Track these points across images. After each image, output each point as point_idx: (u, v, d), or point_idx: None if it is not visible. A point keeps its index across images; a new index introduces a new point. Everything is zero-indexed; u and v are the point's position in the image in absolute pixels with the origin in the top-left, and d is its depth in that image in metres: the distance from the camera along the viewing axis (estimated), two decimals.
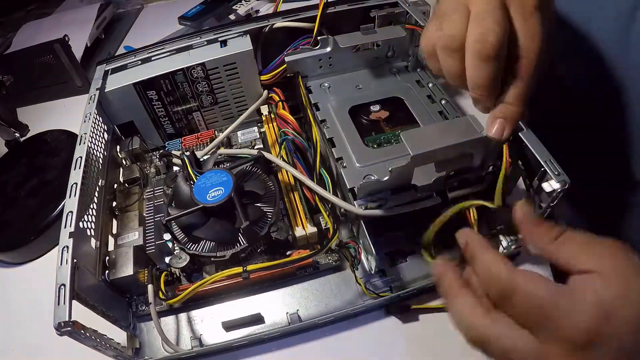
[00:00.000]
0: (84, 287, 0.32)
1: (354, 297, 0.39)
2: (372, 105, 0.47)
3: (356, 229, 0.40)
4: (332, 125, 0.45)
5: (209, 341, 0.38)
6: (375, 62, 0.52)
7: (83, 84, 0.70)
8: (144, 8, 0.94)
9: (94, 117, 0.44)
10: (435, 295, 0.40)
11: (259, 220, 0.40)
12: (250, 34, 0.50)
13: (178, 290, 0.37)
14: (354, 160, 0.41)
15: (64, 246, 0.32)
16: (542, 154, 0.32)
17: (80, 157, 0.39)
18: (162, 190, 0.47)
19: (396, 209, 0.37)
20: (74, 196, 0.35)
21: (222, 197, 0.38)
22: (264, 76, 0.52)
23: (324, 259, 0.40)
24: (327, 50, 0.49)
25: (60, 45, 0.65)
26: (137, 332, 0.39)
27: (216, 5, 0.82)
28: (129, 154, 0.49)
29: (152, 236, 0.42)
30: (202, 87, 0.50)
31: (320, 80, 0.51)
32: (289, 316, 0.39)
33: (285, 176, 0.45)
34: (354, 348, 0.38)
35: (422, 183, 0.36)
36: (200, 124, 0.54)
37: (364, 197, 0.36)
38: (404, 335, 0.38)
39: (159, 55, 0.50)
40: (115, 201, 0.45)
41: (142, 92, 0.48)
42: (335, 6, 0.52)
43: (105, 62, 0.51)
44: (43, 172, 0.55)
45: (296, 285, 0.41)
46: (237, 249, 0.38)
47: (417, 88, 0.49)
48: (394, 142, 0.43)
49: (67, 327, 0.29)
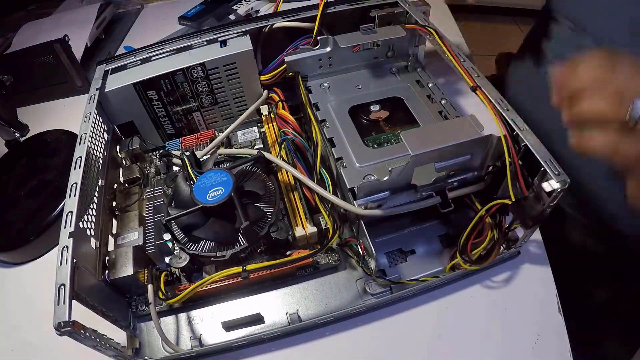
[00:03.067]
0: (84, 287, 0.32)
1: (354, 297, 0.39)
2: (372, 105, 0.47)
3: (356, 229, 0.40)
4: (332, 125, 0.45)
5: (209, 341, 0.38)
6: (375, 62, 0.52)
7: (83, 84, 0.70)
8: (144, 8, 0.94)
9: (93, 117, 0.44)
10: (436, 295, 0.40)
11: (259, 220, 0.40)
12: (250, 34, 0.50)
13: (178, 290, 0.37)
14: (354, 160, 0.41)
15: (64, 246, 0.32)
16: (542, 154, 0.32)
17: (80, 157, 0.39)
18: (162, 190, 0.47)
19: (396, 209, 0.37)
20: (74, 196, 0.35)
21: (222, 197, 0.38)
22: (264, 76, 0.52)
23: (324, 259, 0.40)
24: (327, 50, 0.49)
25: (60, 45, 0.65)
26: (137, 332, 0.39)
27: (216, 5, 0.82)
28: (129, 154, 0.49)
29: (152, 236, 0.42)
30: (202, 87, 0.50)
31: (320, 80, 0.51)
32: (289, 316, 0.39)
33: (285, 176, 0.45)
34: (354, 348, 0.38)
35: (422, 183, 0.36)
36: (200, 124, 0.54)
37: (364, 197, 0.36)
38: (403, 335, 0.38)
39: (159, 55, 0.50)
40: (115, 201, 0.45)
41: (142, 92, 0.48)
42: (335, 6, 0.52)
43: (105, 62, 0.51)
44: (43, 172, 0.55)
45: (296, 285, 0.41)
46: (237, 249, 0.38)
47: (417, 88, 0.49)
48: (394, 142, 0.43)
49: (67, 327, 0.28)
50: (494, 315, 0.39)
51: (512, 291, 0.40)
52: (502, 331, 0.38)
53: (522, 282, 0.40)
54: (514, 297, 0.39)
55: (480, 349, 0.37)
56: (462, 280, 0.41)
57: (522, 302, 0.39)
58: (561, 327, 0.37)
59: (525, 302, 0.39)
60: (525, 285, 0.40)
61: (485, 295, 0.40)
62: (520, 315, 0.38)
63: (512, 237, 0.40)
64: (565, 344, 0.36)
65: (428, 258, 0.41)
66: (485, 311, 0.39)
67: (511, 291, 0.40)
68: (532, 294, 0.40)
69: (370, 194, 0.36)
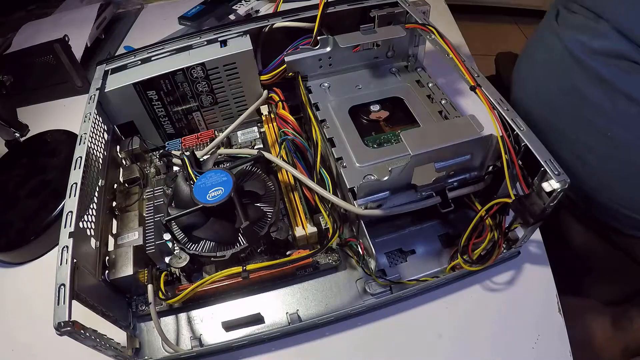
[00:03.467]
0: (84, 287, 0.32)
1: (354, 297, 0.39)
2: (372, 105, 0.47)
3: (356, 229, 0.40)
4: (332, 125, 0.45)
5: (209, 341, 0.38)
6: (375, 62, 0.52)
7: (83, 84, 0.70)
8: (144, 8, 0.94)
9: (93, 117, 0.44)
10: (436, 295, 0.40)
11: (259, 220, 0.39)
12: (250, 34, 0.50)
13: (178, 290, 0.37)
14: (354, 160, 0.41)
15: (64, 246, 0.32)
16: (542, 154, 0.32)
17: (80, 157, 0.39)
18: (162, 190, 0.47)
19: (396, 209, 0.37)
20: (74, 196, 0.35)
21: (222, 197, 0.38)
22: (264, 76, 0.52)
23: (324, 258, 0.40)
24: (327, 50, 0.49)
25: (60, 45, 0.65)
26: (137, 332, 0.39)
27: (216, 5, 0.82)
28: (129, 154, 0.49)
29: (152, 236, 0.42)
30: (202, 87, 0.50)
31: (320, 80, 0.51)
32: (289, 316, 0.39)
33: (285, 176, 0.45)
34: (354, 348, 0.38)
35: (422, 183, 0.36)
36: (200, 124, 0.54)
37: (364, 197, 0.36)
38: (403, 335, 0.38)
39: (159, 55, 0.50)
40: (115, 201, 0.45)
41: (142, 92, 0.48)
42: (335, 6, 0.52)
43: (105, 62, 0.51)
44: (43, 172, 0.55)
45: (296, 285, 0.41)
46: (237, 249, 0.38)
47: (417, 88, 0.49)
48: (394, 142, 0.43)
49: (67, 327, 0.28)
50: (494, 315, 0.39)
51: (512, 291, 0.40)
52: (502, 331, 0.38)
53: (522, 282, 0.40)
54: (514, 297, 0.39)
55: (480, 348, 0.37)
56: (462, 281, 0.41)
57: (522, 302, 0.39)
58: (561, 327, 0.37)
59: (525, 302, 0.39)
60: (525, 285, 0.40)
61: (485, 295, 0.40)
62: (520, 315, 0.38)
63: (512, 237, 0.40)
64: (565, 344, 0.36)
65: (428, 258, 0.41)
66: (485, 311, 0.39)
67: (511, 291, 0.40)
68: (532, 294, 0.40)
69: (370, 194, 0.36)
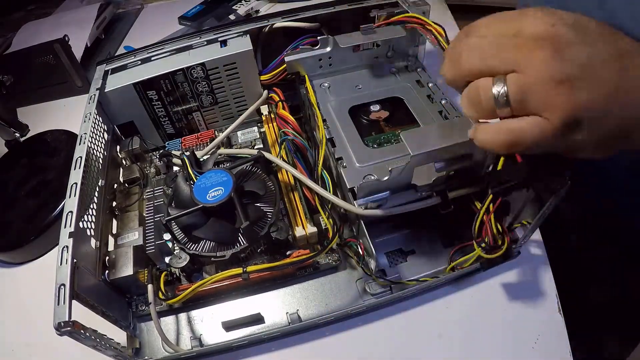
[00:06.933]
0: (84, 287, 0.32)
1: (354, 297, 0.39)
2: (372, 105, 0.47)
3: (356, 229, 0.40)
4: (332, 125, 0.45)
5: (209, 341, 0.38)
6: (375, 62, 0.52)
7: (83, 84, 0.70)
8: (144, 8, 0.94)
9: (93, 117, 0.44)
10: (436, 295, 0.40)
11: (259, 220, 0.40)
12: (250, 34, 0.50)
13: (178, 290, 0.37)
14: (354, 160, 0.41)
15: (64, 246, 0.32)
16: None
17: (80, 157, 0.39)
18: (162, 190, 0.47)
19: (396, 209, 0.37)
20: (74, 196, 0.35)
21: (222, 197, 0.38)
22: (264, 76, 0.52)
23: (324, 259, 0.40)
24: (327, 50, 0.49)
25: (60, 45, 0.65)
26: (137, 332, 0.39)
27: (216, 5, 0.82)
28: (129, 154, 0.49)
29: (152, 236, 0.42)
30: (202, 87, 0.50)
31: (320, 80, 0.51)
32: (289, 316, 0.39)
33: (285, 176, 0.45)
34: (354, 348, 0.38)
35: (422, 183, 0.36)
36: (200, 124, 0.54)
37: (364, 197, 0.36)
38: (403, 335, 0.38)
39: (159, 55, 0.50)
40: (115, 201, 0.45)
41: (142, 92, 0.48)
42: (335, 6, 0.52)
43: (105, 62, 0.51)
44: (43, 172, 0.55)
45: (296, 285, 0.41)
46: (237, 249, 0.38)
47: (417, 88, 0.49)
48: (394, 142, 0.43)
49: (67, 327, 0.29)
50: (494, 315, 0.39)
51: (512, 291, 0.40)
52: (502, 331, 0.38)
53: (522, 282, 0.40)
54: (514, 297, 0.39)
55: (480, 348, 0.37)
56: (462, 281, 0.41)
57: (522, 302, 0.39)
58: (561, 327, 0.37)
59: (525, 302, 0.39)
60: (525, 285, 0.40)
61: (485, 295, 0.40)
62: (520, 315, 0.38)
63: (512, 237, 0.40)
64: (565, 344, 0.36)
65: (428, 258, 0.41)
66: (485, 311, 0.39)
67: (511, 291, 0.40)
68: (532, 294, 0.39)
69: (370, 194, 0.36)
